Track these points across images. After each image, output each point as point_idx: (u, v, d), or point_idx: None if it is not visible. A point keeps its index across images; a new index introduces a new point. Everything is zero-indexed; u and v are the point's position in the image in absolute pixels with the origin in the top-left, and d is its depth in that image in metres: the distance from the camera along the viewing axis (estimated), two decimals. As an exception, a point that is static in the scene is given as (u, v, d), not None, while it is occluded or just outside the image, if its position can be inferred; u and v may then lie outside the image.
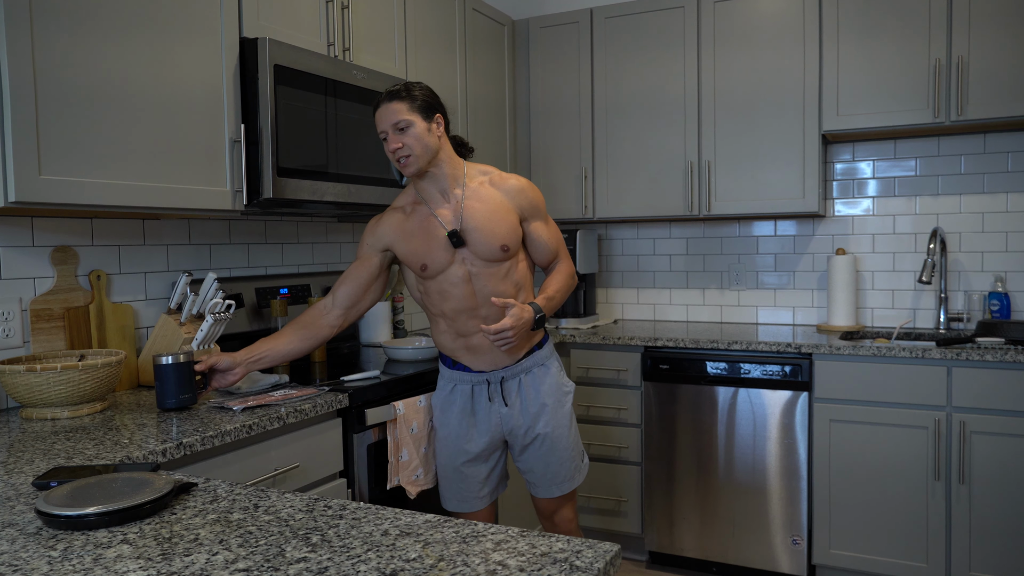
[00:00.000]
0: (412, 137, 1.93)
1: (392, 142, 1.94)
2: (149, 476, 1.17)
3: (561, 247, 2.21)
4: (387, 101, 1.95)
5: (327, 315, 2.09)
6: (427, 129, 1.95)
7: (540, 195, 2.15)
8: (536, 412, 2.12)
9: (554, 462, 2.15)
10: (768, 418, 2.90)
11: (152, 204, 1.85)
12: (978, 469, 2.62)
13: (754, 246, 3.56)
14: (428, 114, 1.96)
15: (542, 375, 2.14)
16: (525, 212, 2.09)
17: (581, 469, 2.23)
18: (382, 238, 2.09)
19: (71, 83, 1.67)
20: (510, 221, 2.04)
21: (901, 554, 2.74)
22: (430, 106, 1.97)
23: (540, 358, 2.15)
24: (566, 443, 2.16)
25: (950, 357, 2.63)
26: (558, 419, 2.14)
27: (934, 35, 2.87)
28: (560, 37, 3.53)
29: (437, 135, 1.98)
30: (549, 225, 2.18)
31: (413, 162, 1.96)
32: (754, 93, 3.17)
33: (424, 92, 1.98)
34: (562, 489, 2.18)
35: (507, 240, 2.03)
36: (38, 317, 1.94)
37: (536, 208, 2.12)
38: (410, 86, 1.98)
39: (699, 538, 3.04)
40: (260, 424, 1.72)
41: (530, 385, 2.12)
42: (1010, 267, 3.12)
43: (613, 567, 0.94)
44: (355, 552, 0.96)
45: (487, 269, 2.03)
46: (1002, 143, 3.11)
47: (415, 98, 1.95)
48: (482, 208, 2.02)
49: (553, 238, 2.18)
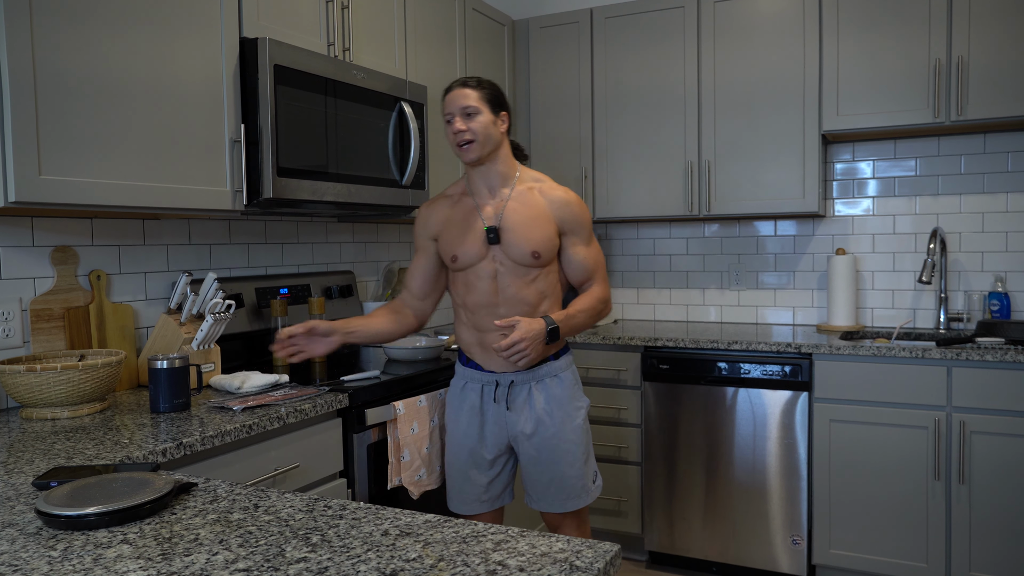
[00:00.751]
0: (478, 124, 2.00)
1: (457, 124, 2.01)
2: (149, 476, 1.17)
3: (598, 271, 2.14)
4: (460, 87, 2.04)
5: (408, 306, 2.19)
6: (492, 121, 2.03)
7: (587, 213, 2.11)
8: (542, 422, 2.07)
9: (556, 477, 2.07)
10: (768, 418, 2.90)
11: (152, 204, 1.85)
12: (978, 469, 2.62)
13: (754, 246, 3.56)
14: (496, 108, 2.05)
15: (554, 386, 2.08)
16: (566, 226, 2.07)
17: (590, 490, 2.12)
18: (430, 227, 2.16)
19: (71, 79, 1.67)
20: (547, 230, 2.05)
21: (901, 554, 2.74)
22: (499, 102, 2.06)
23: (554, 369, 2.10)
24: (573, 459, 2.07)
25: (950, 357, 2.63)
26: (565, 433, 2.07)
27: (934, 35, 2.87)
28: (560, 37, 3.53)
29: (501, 130, 2.06)
30: (590, 246, 2.12)
31: (474, 148, 2.02)
32: (754, 93, 3.17)
33: (495, 88, 2.07)
34: (564, 506, 2.09)
35: (539, 247, 2.03)
36: (38, 317, 1.94)
37: (578, 224, 2.09)
38: (482, 81, 2.06)
39: (699, 538, 3.04)
40: (260, 424, 1.72)
41: (540, 394, 2.08)
42: (1010, 267, 3.12)
43: (613, 567, 0.94)
44: (355, 552, 0.96)
45: (515, 271, 2.05)
46: (1002, 143, 3.11)
47: (486, 90, 2.04)
48: (523, 211, 2.05)
49: (591, 260, 2.12)
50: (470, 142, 2.01)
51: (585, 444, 2.10)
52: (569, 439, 2.07)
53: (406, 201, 2.64)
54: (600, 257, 2.15)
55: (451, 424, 2.16)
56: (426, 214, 2.16)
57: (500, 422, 2.10)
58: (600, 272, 2.14)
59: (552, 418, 2.06)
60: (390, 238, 3.27)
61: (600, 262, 2.15)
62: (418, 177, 2.69)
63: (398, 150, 2.60)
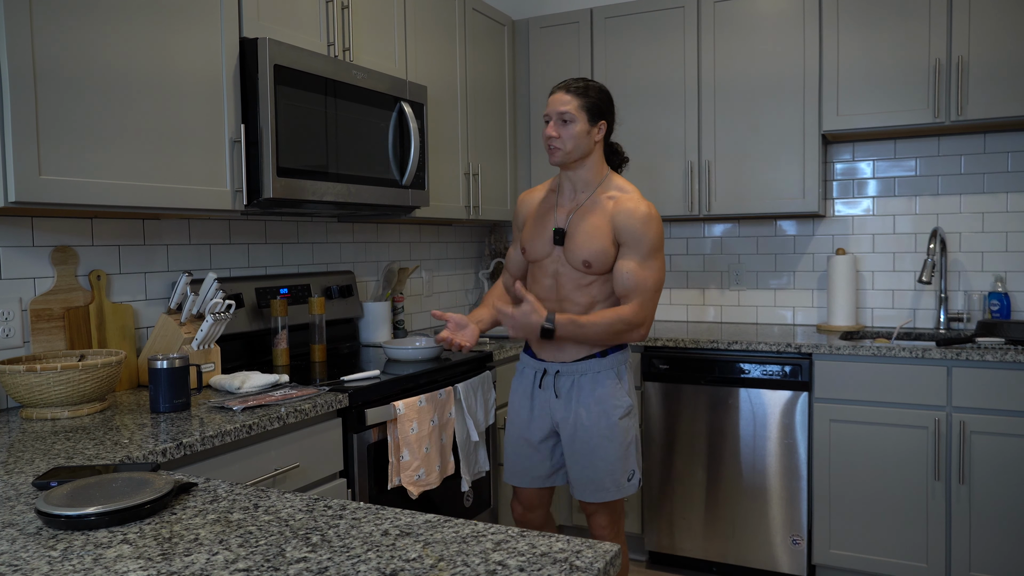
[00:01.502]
0: (569, 132, 2.07)
1: (550, 128, 2.08)
2: (149, 476, 1.17)
3: (638, 293, 2.06)
4: (563, 91, 2.09)
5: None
6: (587, 131, 2.08)
7: (652, 231, 2.05)
8: (579, 415, 2.15)
9: (588, 467, 2.15)
10: (768, 418, 2.90)
11: (152, 204, 1.85)
12: (978, 469, 2.62)
13: (754, 246, 3.56)
14: (594, 118, 2.09)
15: (594, 382, 2.15)
16: (622, 236, 2.07)
17: (622, 486, 2.16)
18: (519, 217, 2.33)
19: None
20: (604, 241, 2.08)
21: (901, 554, 2.74)
22: (599, 111, 2.09)
23: (597, 366, 2.16)
24: (605, 454, 2.13)
25: (950, 357, 2.63)
26: (600, 428, 2.13)
27: (934, 34, 2.87)
28: (560, 37, 3.53)
29: (594, 139, 2.11)
30: (643, 266, 2.06)
31: (560, 154, 2.10)
32: (754, 93, 3.17)
33: (599, 96, 2.10)
34: (595, 496, 2.16)
35: (591, 257, 2.09)
36: (38, 317, 1.94)
37: (635, 238, 2.06)
38: (589, 87, 2.09)
39: (699, 538, 3.04)
40: (260, 424, 1.72)
41: (582, 387, 2.16)
42: (1010, 267, 3.12)
43: (613, 567, 0.94)
44: (355, 552, 0.96)
45: (571, 274, 2.13)
46: (1002, 143, 3.11)
47: (589, 98, 2.08)
48: (590, 220, 2.10)
49: (634, 278, 2.06)
50: (557, 148, 2.08)
51: (621, 442, 2.15)
52: (603, 434, 2.13)
53: (406, 201, 2.64)
54: (649, 282, 2.07)
55: (510, 403, 2.32)
56: (520, 203, 2.34)
57: (546, 407, 2.21)
58: (639, 294, 2.07)
59: (589, 412, 2.14)
60: (390, 238, 3.27)
61: (645, 286, 2.06)
62: (418, 177, 2.69)
63: (398, 150, 2.60)
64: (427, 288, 3.51)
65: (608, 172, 2.18)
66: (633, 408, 2.19)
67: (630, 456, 2.18)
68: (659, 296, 2.13)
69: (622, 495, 2.18)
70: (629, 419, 2.17)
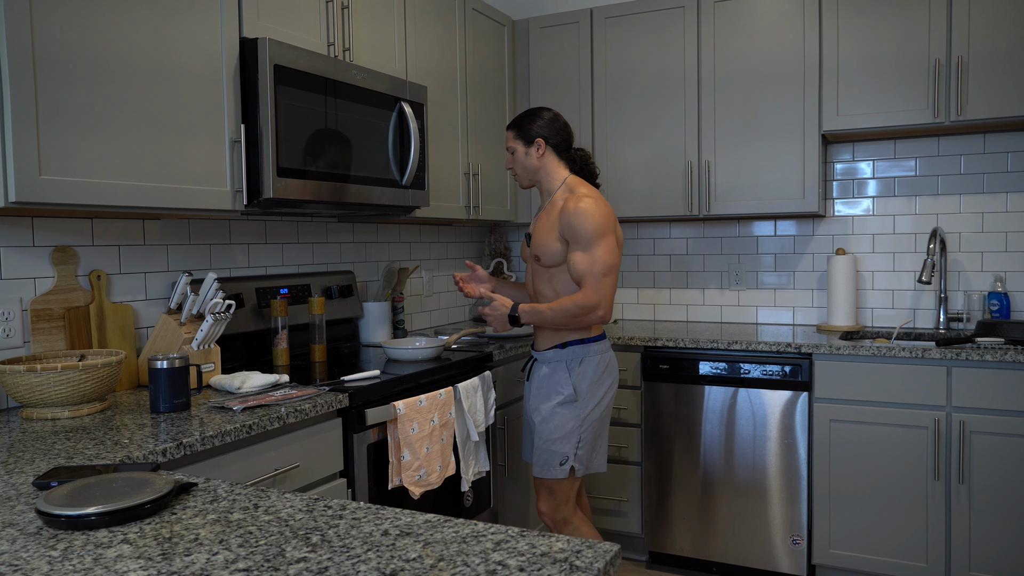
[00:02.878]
0: (516, 161, 2.45)
1: (507, 163, 2.49)
2: (149, 476, 1.17)
3: (588, 278, 2.26)
4: (507, 129, 2.47)
5: None
6: (525, 153, 2.42)
7: (587, 221, 2.25)
8: (529, 394, 2.46)
9: (536, 444, 2.40)
10: (768, 418, 2.90)
11: (152, 204, 1.85)
12: (978, 469, 2.62)
13: (754, 246, 3.56)
14: (529, 140, 2.41)
15: (551, 369, 2.38)
16: (565, 232, 2.30)
17: (552, 468, 2.36)
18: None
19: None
20: (550, 238, 2.33)
21: (901, 554, 2.74)
22: (533, 133, 2.40)
23: (558, 356, 2.37)
24: (542, 432, 2.37)
25: (950, 357, 2.63)
26: (540, 409, 2.38)
27: (934, 35, 2.87)
28: (560, 37, 3.53)
29: (536, 156, 2.41)
30: (588, 254, 2.27)
31: (518, 180, 2.49)
32: (754, 93, 3.17)
33: (533, 122, 2.40)
34: (537, 471, 2.41)
35: (541, 253, 2.36)
36: (38, 317, 1.94)
37: (573, 231, 2.27)
38: (524, 118, 2.42)
39: (699, 538, 3.04)
40: (260, 424, 1.72)
41: (539, 374, 2.41)
42: (1010, 267, 3.12)
43: (613, 567, 0.95)
44: (355, 552, 0.96)
45: (536, 268, 2.42)
46: (1002, 143, 3.11)
47: (522, 127, 2.42)
48: (544, 221, 2.38)
49: (580, 266, 2.27)
50: (515, 175, 2.48)
51: (557, 426, 2.34)
52: (542, 415, 2.37)
53: (406, 201, 2.64)
54: (596, 266, 2.26)
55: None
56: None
57: (528, 390, 2.49)
58: (589, 279, 2.26)
59: (536, 394, 2.41)
60: (390, 238, 3.27)
61: (592, 270, 2.26)
62: (418, 177, 2.69)
63: (398, 150, 2.60)
64: (427, 288, 3.51)
65: (565, 178, 2.42)
66: (577, 399, 2.33)
67: (567, 442, 2.34)
68: (612, 278, 2.29)
69: (551, 476, 2.36)
70: (568, 408, 2.33)
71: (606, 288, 2.27)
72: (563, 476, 2.35)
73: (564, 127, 2.44)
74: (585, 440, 2.35)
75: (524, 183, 2.47)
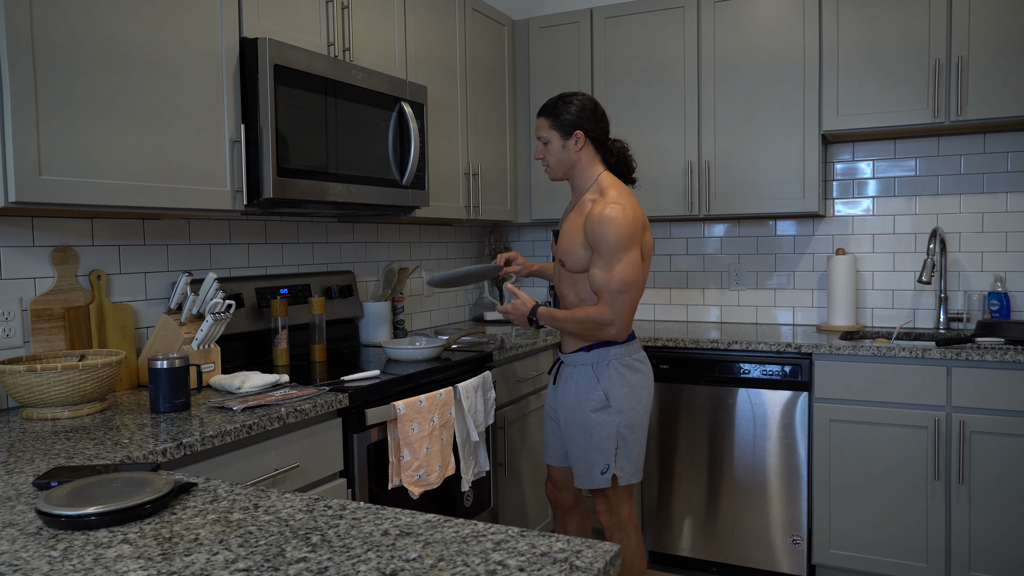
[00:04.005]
0: (549, 151, 2.29)
1: (537, 152, 2.32)
2: (149, 476, 1.17)
3: (603, 294, 2.15)
4: (539, 114, 2.30)
5: None
6: (562, 146, 2.26)
7: (611, 233, 2.11)
8: (560, 401, 2.35)
9: (570, 453, 2.32)
10: (768, 418, 2.90)
11: (152, 204, 1.85)
12: (978, 469, 2.62)
13: (754, 246, 3.56)
14: (567, 132, 2.24)
15: (576, 374, 2.30)
16: (589, 240, 2.18)
17: (595, 478, 2.25)
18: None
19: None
20: (576, 242, 2.22)
21: (901, 554, 2.74)
22: (571, 124, 2.24)
23: (582, 359, 2.29)
24: (579, 442, 2.27)
25: (950, 357, 2.63)
26: (574, 417, 2.28)
27: (934, 35, 2.87)
28: (560, 37, 3.53)
29: (574, 150, 2.26)
30: (608, 268, 2.13)
31: (549, 172, 2.33)
32: (755, 93, 3.17)
33: (567, 110, 2.24)
34: (578, 482, 2.31)
35: (564, 256, 2.26)
36: (38, 317, 1.94)
37: (597, 241, 2.14)
38: (558, 104, 2.25)
39: (699, 538, 3.04)
40: (260, 424, 1.72)
41: (568, 378, 2.33)
42: (1010, 267, 3.12)
43: (613, 567, 0.95)
44: (355, 552, 0.96)
45: (562, 271, 2.32)
46: (1002, 143, 3.11)
47: (558, 116, 2.24)
48: (572, 222, 2.26)
49: (597, 280, 2.15)
50: (546, 167, 2.32)
51: (594, 434, 2.24)
52: (577, 423, 2.27)
53: (406, 201, 2.64)
54: (613, 283, 2.13)
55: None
56: None
57: (555, 394, 2.42)
58: (605, 295, 2.15)
59: (566, 401, 2.31)
60: (390, 238, 3.27)
61: (608, 286, 2.14)
62: (418, 177, 2.69)
63: (398, 150, 2.60)
64: (427, 288, 3.51)
65: (599, 175, 2.27)
66: (610, 405, 2.22)
67: (605, 450, 2.24)
68: (629, 295, 2.15)
69: (594, 486, 2.27)
70: (603, 414, 2.23)
71: (621, 305, 2.14)
72: (606, 485, 2.25)
73: (603, 116, 2.29)
74: (623, 446, 2.24)
75: (557, 176, 2.31)
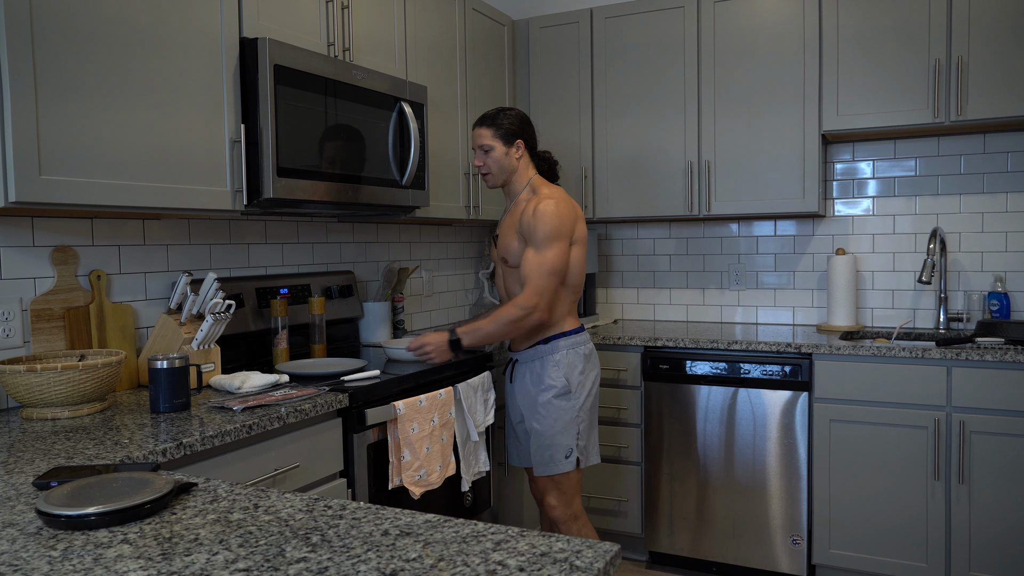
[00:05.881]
0: (492, 159, 2.39)
1: (476, 159, 2.42)
2: (149, 476, 1.17)
3: (531, 279, 2.27)
4: (479, 125, 2.40)
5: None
6: (505, 153, 2.39)
7: (541, 221, 2.26)
8: (517, 396, 2.45)
9: (531, 445, 2.40)
10: (768, 418, 2.90)
11: (152, 204, 1.85)
12: (978, 469, 2.62)
13: (754, 246, 3.56)
14: (509, 140, 2.38)
15: (535, 367, 2.40)
16: (523, 234, 2.32)
17: (558, 462, 2.36)
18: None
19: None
20: (514, 239, 2.35)
21: (901, 554, 2.74)
22: (513, 133, 2.38)
23: (540, 352, 2.40)
24: (542, 429, 2.37)
25: (950, 357, 2.63)
26: (533, 405, 2.38)
27: (934, 35, 2.87)
28: (560, 37, 3.53)
29: (515, 157, 2.40)
30: (538, 253, 2.27)
31: (491, 179, 2.43)
32: (754, 93, 3.17)
33: (511, 120, 2.38)
34: (539, 470, 2.40)
35: (507, 254, 2.39)
36: (38, 317, 1.94)
37: (531, 231, 2.29)
38: (499, 115, 2.38)
39: (699, 538, 3.04)
40: (260, 424, 1.72)
41: (526, 373, 2.42)
42: (1010, 267, 3.12)
43: (613, 567, 0.95)
44: (355, 552, 0.96)
45: (504, 269, 2.44)
46: (1002, 143, 3.11)
47: (500, 126, 2.37)
48: (508, 222, 2.40)
49: (526, 266, 2.28)
50: (487, 174, 2.41)
51: (556, 419, 2.35)
52: (536, 411, 2.37)
53: (406, 201, 2.64)
54: (544, 266, 2.26)
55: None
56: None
57: (513, 393, 2.49)
58: (533, 279, 2.27)
59: (524, 391, 2.41)
60: (390, 238, 3.27)
61: (539, 270, 2.26)
62: (418, 177, 2.69)
63: (398, 150, 2.60)
64: (427, 288, 3.51)
65: (531, 179, 2.42)
66: (571, 390, 2.35)
67: (567, 434, 2.35)
68: (556, 280, 2.29)
69: (558, 471, 2.36)
70: (565, 399, 2.35)
71: (547, 287, 2.26)
72: (571, 468, 2.36)
73: (533, 128, 2.48)
74: (583, 430, 2.38)
75: (498, 183, 2.43)
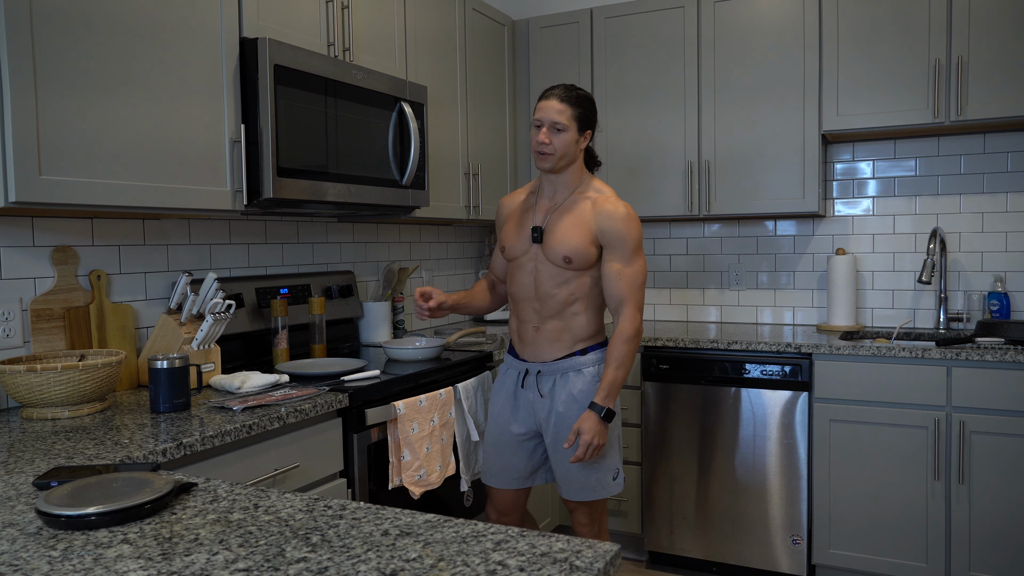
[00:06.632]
0: (560, 140, 2.10)
1: (542, 135, 2.10)
2: (149, 476, 1.17)
3: (630, 295, 2.10)
4: (556, 98, 2.10)
5: (499, 286, 2.42)
6: (575, 140, 2.12)
7: (632, 230, 2.10)
8: (560, 413, 2.16)
9: (572, 466, 2.15)
10: (768, 418, 2.90)
11: (152, 204, 1.85)
12: (978, 469, 2.62)
13: (754, 246, 3.56)
14: (582, 127, 2.13)
15: (576, 379, 2.16)
16: (604, 238, 2.11)
17: (607, 485, 2.17)
18: (500, 218, 2.35)
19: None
20: (584, 238, 2.11)
21: (901, 554, 2.74)
22: (587, 121, 2.14)
23: (578, 363, 2.17)
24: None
25: (950, 357, 2.63)
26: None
27: (934, 35, 2.87)
28: (560, 37, 3.53)
29: (581, 147, 2.16)
30: (629, 266, 2.10)
31: (551, 160, 2.12)
32: (754, 93, 3.17)
33: (589, 106, 2.14)
34: (581, 495, 2.17)
35: (571, 253, 2.11)
36: (38, 317, 1.94)
37: (617, 239, 2.10)
38: (580, 97, 2.12)
39: (699, 538, 3.04)
40: (260, 424, 1.72)
41: (563, 386, 2.16)
42: (1010, 267, 3.12)
43: (613, 567, 0.95)
44: (355, 552, 0.96)
45: (549, 270, 2.16)
46: (1002, 143, 3.11)
47: (580, 108, 2.11)
48: (568, 218, 2.14)
49: (623, 283, 2.10)
50: (549, 154, 2.11)
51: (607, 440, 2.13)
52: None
53: (406, 201, 2.64)
54: (637, 279, 2.11)
55: (491, 404, 2.31)
56: (501, 206, 2.36)
57: (530, 407, 2.22)
58: (632, 296, 2.10)
59: (568, 409, 2.15)
60: (390, 238, 3.27)
61: (635, 284, 2.11)
62: (418, 177, 2.69)
63: (398, 150, 2.60)
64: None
65: (587, 175, 2.22)
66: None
67: (613, 454, 2.18)
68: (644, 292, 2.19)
69: (608, 494, 2.18)
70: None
71: (641, 300, 2.13)
72: (619, 490, 2.19)
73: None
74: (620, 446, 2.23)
75: (555, 167, 2.13)
